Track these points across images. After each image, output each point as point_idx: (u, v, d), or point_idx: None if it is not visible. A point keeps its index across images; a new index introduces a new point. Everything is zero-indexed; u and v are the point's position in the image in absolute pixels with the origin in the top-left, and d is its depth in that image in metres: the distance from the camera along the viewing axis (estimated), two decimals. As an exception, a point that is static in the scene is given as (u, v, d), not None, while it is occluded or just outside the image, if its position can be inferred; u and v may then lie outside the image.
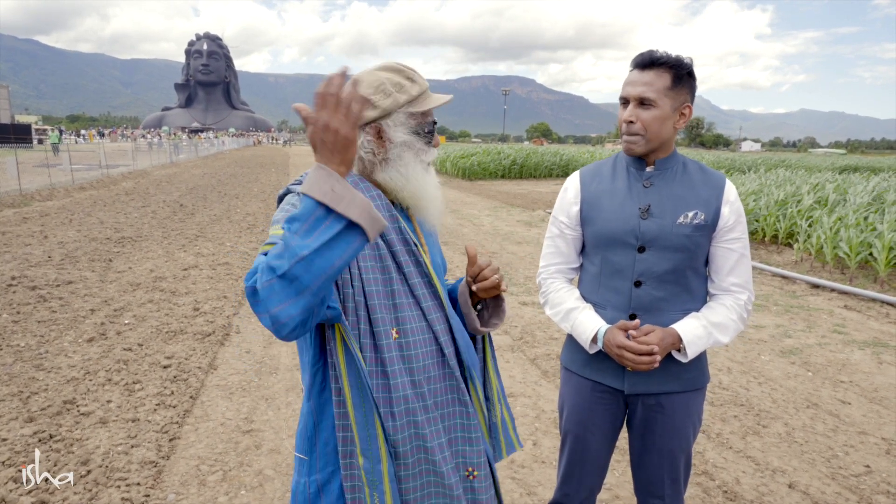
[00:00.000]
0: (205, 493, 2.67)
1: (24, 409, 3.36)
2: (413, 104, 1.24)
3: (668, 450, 1.63)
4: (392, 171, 1.24)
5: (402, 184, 1.24)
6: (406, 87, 1.23)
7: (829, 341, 4.93)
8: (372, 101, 1.21)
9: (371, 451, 1.14)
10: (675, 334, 1.51)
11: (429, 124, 1.27)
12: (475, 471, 1.27)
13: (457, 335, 1.28)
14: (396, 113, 1.22)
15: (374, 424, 1.14)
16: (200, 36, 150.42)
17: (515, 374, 4.11)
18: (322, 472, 1.20)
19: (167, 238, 8.81)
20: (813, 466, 2.98)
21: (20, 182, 13.48)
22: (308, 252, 0.92)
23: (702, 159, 30.05)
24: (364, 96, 0.96)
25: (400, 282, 1.22)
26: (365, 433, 1.14)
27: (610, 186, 1.61)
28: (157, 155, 28.45)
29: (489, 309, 1.42)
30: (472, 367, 1.31)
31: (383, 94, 1.21)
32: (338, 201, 0.94)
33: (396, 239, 1.23)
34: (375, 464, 1.14)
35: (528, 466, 2.94)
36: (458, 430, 1.26)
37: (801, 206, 9.20)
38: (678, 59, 1.48)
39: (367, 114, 1.21)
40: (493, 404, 1.40)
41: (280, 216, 1.17)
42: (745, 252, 1.58)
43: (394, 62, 1.28)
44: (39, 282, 6.05)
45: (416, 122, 1.25)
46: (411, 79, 1.25)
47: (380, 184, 1.27)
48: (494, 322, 1.40)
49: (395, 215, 1.24)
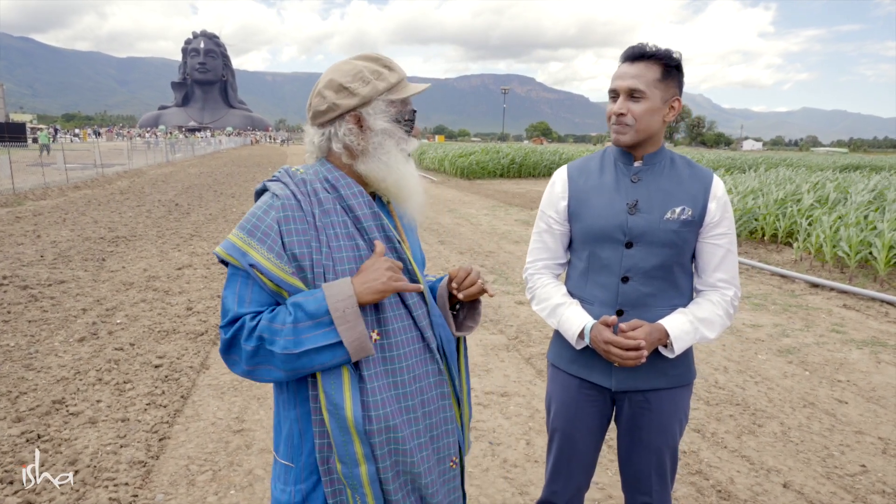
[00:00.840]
0: (194, 492, 2.63)
1: (12, 409, 3.33)
2: (392, 92, 1.22)
3: (655, 446, 1.62)
4: (373, 160, 1.22)
5: (384, 174, 1.21)
6: (384, 75, 1.22)
7: (827, 340, 4.90)
8: (351, 89, 1.19)
9: (348, 455, 1.12)
10: (662, 330, 1.49)
11: (408, 112, 1.25)
12: (455, 458, 1.30)
13: (438, 330, 1.28)
14: (376, 101, 1.21)
15: (348, 430, 1.12)
16: (197, 34, 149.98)
17: (510, 373, 4.08)
18: (307, 481, 1.18)
19: (162, 237, 8.76)
20: (808, 466, 2.96)
21: (13, 181, 13.43)
22: (298, 352, 1.07)
23: (702, 158, 30.06)
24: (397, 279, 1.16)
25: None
26: (341, 439, 1.12)
27: (598, 181, 1.59)
28: (153, 154, 28.37)
29: (465, 311, 1.42)
30: (452, 362, 1.31)
31: (362, 81, 1.20)
32: (342, 322, 1.07)
33: (379, 237, 1.21)
34: (353, 468, 1.12)
35: (520, 466, 2.91)
36: (443, 423, 1.27)
37: (801, 205, 9.18)
38: (667, 51, 1.47)
39: (345, 102, 1.19)
40: (463, 403, 1.40)
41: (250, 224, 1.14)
42: (731, 248, 1.56)
43: (370, 52, 1.27)
44: (31, 281, 6.01)
45: (396, 110, 1.23)
46: (389, 67, 1.23)
47: (361, 176, 1.24)
48: (469, 325, 1.39)
49: (377, 212, 1.22)
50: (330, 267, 1.14)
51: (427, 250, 8.31)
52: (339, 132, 1.21)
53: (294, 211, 1.15)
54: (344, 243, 1.17)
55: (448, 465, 1.28)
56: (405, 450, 1.17)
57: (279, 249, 1.12)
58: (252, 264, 1.11)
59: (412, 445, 1.18)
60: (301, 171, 1.23)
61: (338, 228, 1.17)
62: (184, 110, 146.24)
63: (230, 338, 1.12)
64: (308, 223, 1.15)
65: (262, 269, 1.11)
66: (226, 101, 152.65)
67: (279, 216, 1.14)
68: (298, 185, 1.19)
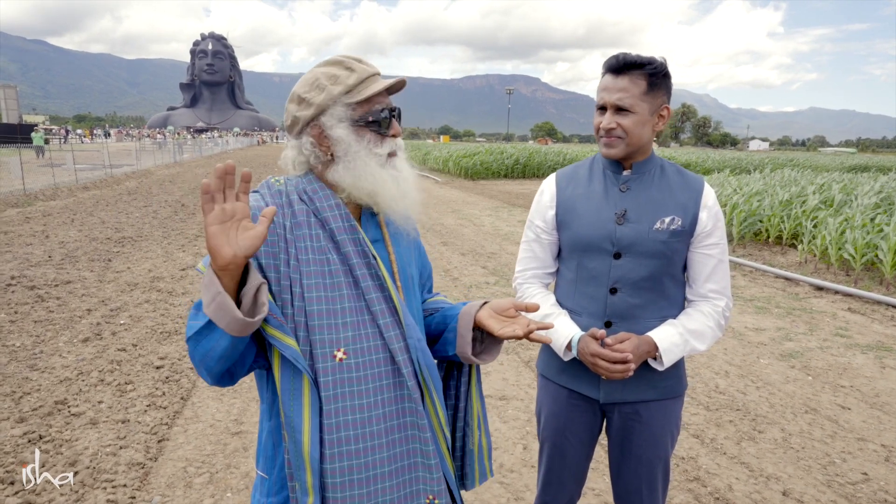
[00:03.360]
0: (190, 495, 2.65)
1: (15, 410, 3.36)
2: (352, 94, 1.14)
3: (646, 458, 1.60)
4: (339, 170, 1.17)
5: (351, 181, 1.16)
6: (341, 78, 1.14)
7: (830, 345, 4.86)
8: (307, 100, 1.15)
9: (300, 482, 1.08)
10: (650, 342, 1.47)
11: (376, 112, 1.16)
12: (436, 499, 1.18)
13: (415, 355, 1.17)
14: (333, 107, 1.14)
15: (302, 457, 1.07)
16: (206, 36, 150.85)
17: (509, 376, 4.08)
18: (278, 495, 1.15)
19: (167, 238, 8.82)
20: (809, 473, 2.93)
21: (24, 182, 13.55)
22: (192, 335, 1.00)
23: (707, 158, 29.86)
24: (245, 206, 0.97)
25: (355, 298, 1.14)
26: (296, 462, 1.07)
27: (586, 190, 1.57)
28: (160, 154, 28.56)
29: (483, 343, 1.31)
30: (433, 389, 1.19)
31: (317, 89, 1.15)
32: (205, 291, 0.97)
33: (353, 251, 1.15)
34: (303, 496, 1.07)
35: (516, 471, 2.91)
36: (417, 455, 1.16)
37: (805, 207, 9.12)
38: (651, 61, 1.43)
39: (302, 114, 1.16)
40: (472, 430, 1.33)
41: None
42: (723, 258, 1.54)
43: (339, 55, 1.20)
44: (38, 281, 6.06)
45: (359, 112, 1.15)
46: (349, 68, 1.15)
47: (333, 185, 1.20)
48: (484, 357, 1.29)
49: (353, 225, 1.17)
50: (297, 280, 1.10)
51: (429, 251, 8.30)
52: (306, 144, 1.18)
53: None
54: (313, 257, 1.12)
55: (424, 500, 1.16)
56: (361, 479, 1.09)
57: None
58: None
59: (371, 475, 1.10)
60: (281, 182, 1.21)
61: (309, 241, 1.13)
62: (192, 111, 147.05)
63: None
64: (278, 234, 1.12)
65: None
66: (233, 101, 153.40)
67: None
68: (274, 196, 1.17)
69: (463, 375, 1.33)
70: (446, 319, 1.32)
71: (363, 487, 1.09)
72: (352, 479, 1.08)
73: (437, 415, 1.20)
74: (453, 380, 1.35)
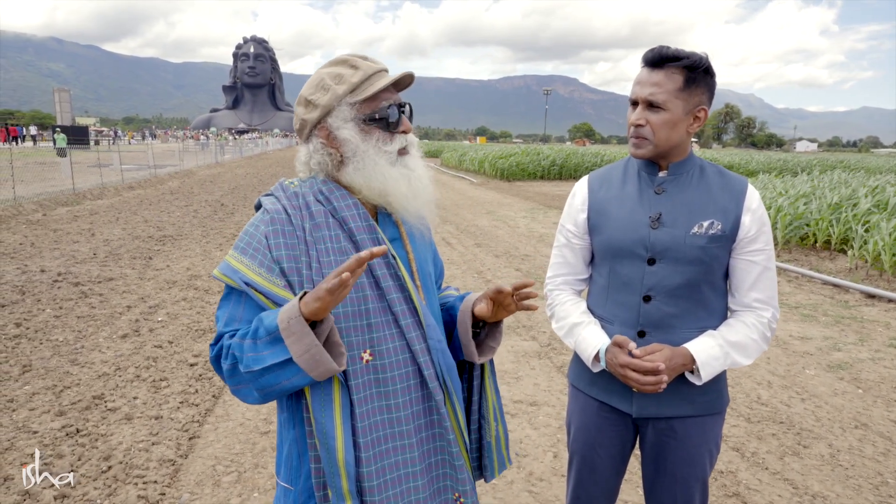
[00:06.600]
0: (218, 493, 2.67)
1: (56, 403, 3.47)
2: (356, 92, 1.13)
3: (682, 478, 1.50)
4: (350, 171, 1.15)
5: (363, 182, 1.15)
6: (345, 77, 1.13)
7: (883, 356, 4.59)
8: (313, 101, 1.14)
9: (335, 488, 1.07)
10: (686, 354, 1.37)
11: (382, 109, 1.14)
12: (461, 497, 1.19)
13: (436, 357, 1.17)
14: (339, 107, 1.13)
15: (336, 464, 1.06)
16: (248, 39, 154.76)
17: (540, 381, 3.99)
18: None
19: (206, 237, 9.03)
20: (858, 493, 2.76)
21: (73, 181, 14.11)
22: (258, 369, 1.01)
23: (751, 160, 28.91)
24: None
25: (377, 299, 1.13)
26: (329, 469, 1.07)
27: (619, 193, 1.49)
28: (203, 155, 29.37)
29: (485, 331, 1.33)
30: (453, 391, 1.20)
31: (322, 90, 1.14)
32: (287, 334, 0.99)
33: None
34: (340, 501, 1.07)
35: (546, 479, 2.83)
36: (443, 453, 1.19)
37: (857, 210, 8.68)
38: (691, 55, 1.34)
39: (309, 116, 1.15)
40: (489, 423, 1.32)
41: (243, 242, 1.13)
42: (769, 265, 1.43)
43: (345, 54, 1.19)
44: (83, 278, 6.28)
45: (366, 111, 1.14)
46: (354, 66, 1.14)
47: (347, 186, 1.18)
48: (491, 345, 1.30)
49: (372, 225, 1.16)
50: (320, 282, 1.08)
51: (463, 253, 8.27)
52: (316, 147, 1.17)
53: (283, 225, 1.12)
54: (335, 258, 1.11)
55: (451, 496, 1.19)
56: (395, 479, 1.11)
57: (269, 263, 1.10)
58: (246, 282, 1.09)
59: (403, 473, 1.12)
60: (295, 184, 1.20)
61: (330, 243, 1.12)
62: (234, 112, 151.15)
63: (214, 356, 1.11)
64: (298, 237, 1.11)
65: (255, 284, 1.08)
66: (273, 103, 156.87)
67: (267, 230, 1.12)
68: (290, 198, 1.16)
69: (475, 369, 1.33)
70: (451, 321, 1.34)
71: (397, 486, 1.11)
72: (387, 479, 1.10)
73: (457, 415, 1.21)
74: (466, 373, 1.35)
